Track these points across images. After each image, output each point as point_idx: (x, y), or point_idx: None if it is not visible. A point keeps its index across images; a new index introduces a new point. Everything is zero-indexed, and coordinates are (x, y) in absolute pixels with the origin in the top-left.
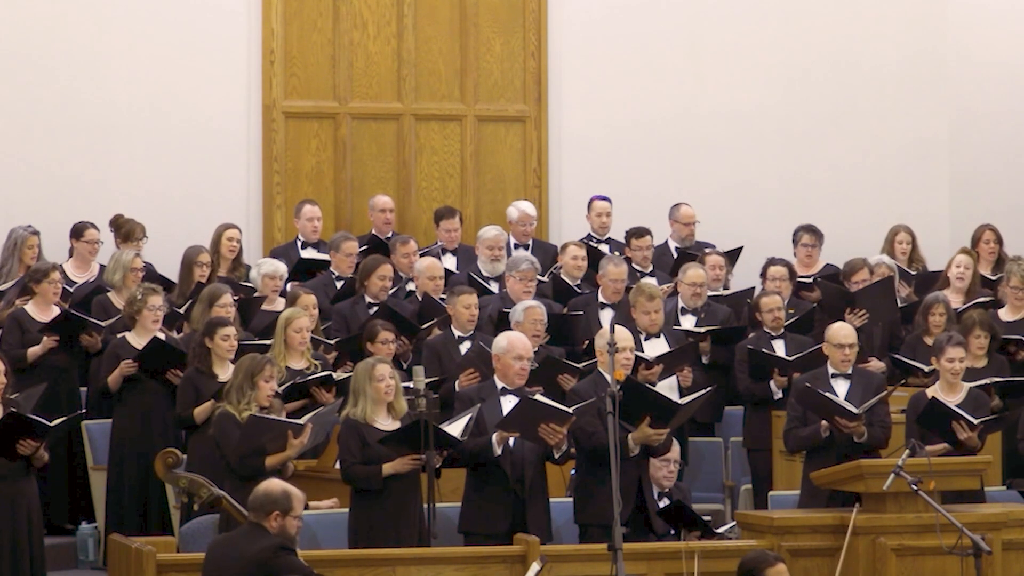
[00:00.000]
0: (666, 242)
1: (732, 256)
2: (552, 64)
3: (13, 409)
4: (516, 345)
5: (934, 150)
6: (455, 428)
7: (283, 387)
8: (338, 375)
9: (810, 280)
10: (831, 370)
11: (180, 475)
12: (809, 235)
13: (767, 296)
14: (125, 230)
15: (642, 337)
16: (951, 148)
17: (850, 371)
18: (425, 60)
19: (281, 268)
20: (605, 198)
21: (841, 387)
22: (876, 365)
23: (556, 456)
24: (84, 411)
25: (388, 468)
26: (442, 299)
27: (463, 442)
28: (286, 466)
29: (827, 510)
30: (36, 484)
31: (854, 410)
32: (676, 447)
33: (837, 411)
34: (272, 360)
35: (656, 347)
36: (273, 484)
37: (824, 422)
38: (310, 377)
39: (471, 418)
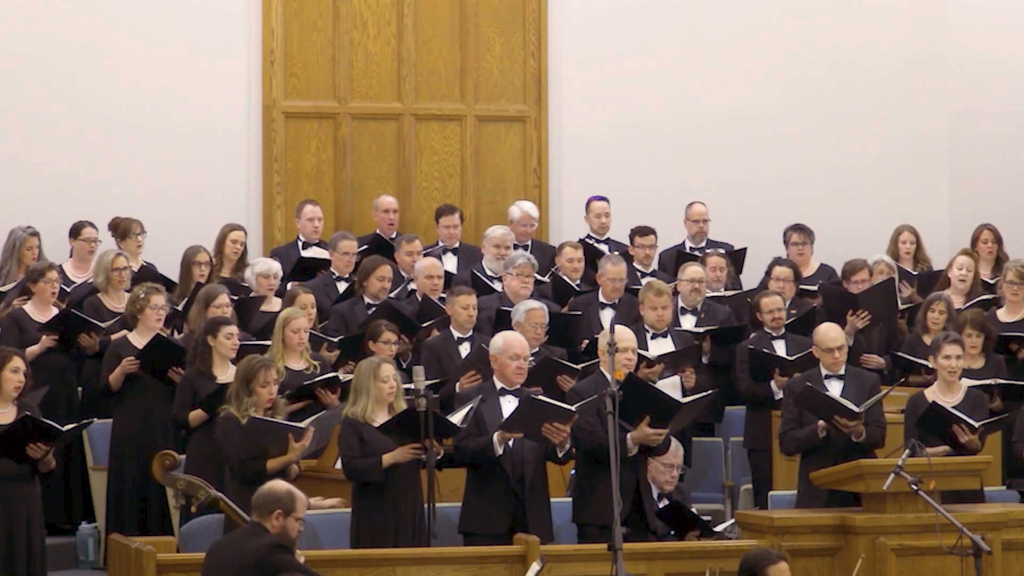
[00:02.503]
0: (683, 242)
1: (737, 257)
2: (552, 64)
3: (28, 413)
4: (512, 345)
5: (934, 150)
6: (455, 418)
7: (289, 392)
8: (343, 376)
9: (813, 288)
10: (824, 371)
11: (177, 477)
12: (798, 234)
13: (768, 297)
14: (122, 228)
15: (648, 335)
16: (951, 148)
17: (843, 371)
18: (425, 60)
19: (275, 267)
20: (602, 198)
21: (835, 388)
22: (876, 361)
23: (559, 455)
24: (92, 420)
25: (388, 459)
26: (441, 299)
27: (462, 429)
28: (290, 468)
29: (827, 510)
30: (39, 488)
31: (856, 409)
32: (680, 451)
33: (838, 410)
34: (268, 363)
35: (662, 346)
36: (278, 484)
37: (821, 422)
38: (317, 379)
39: (471, 408)
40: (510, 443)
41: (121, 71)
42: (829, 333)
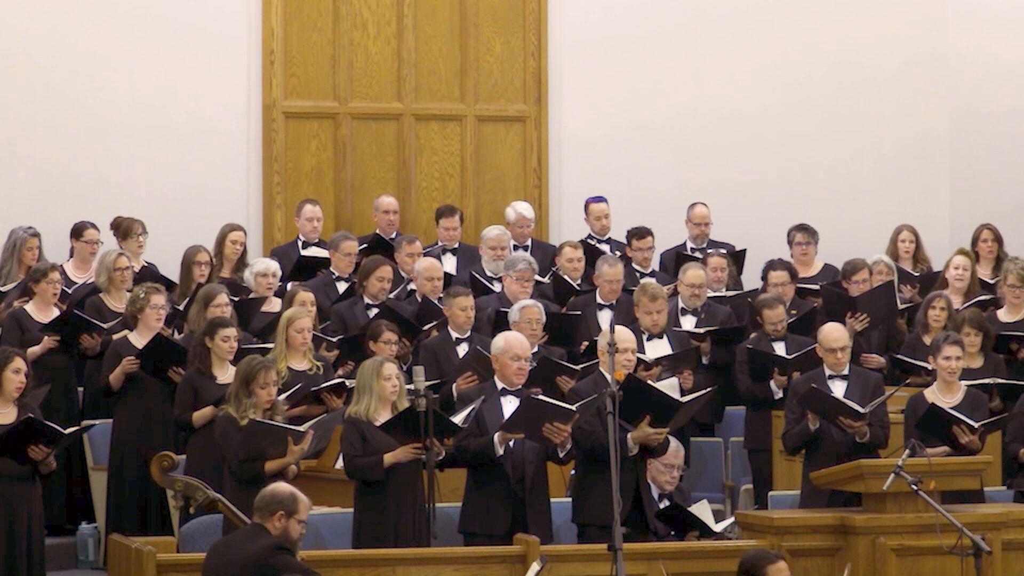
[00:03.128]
0: (684, 243)
1: (738, 258)
2: (552, 64)
3: (30, 415)
4: (513, 345)
5: (934, 150)
6: (457, 419)
7: (293, 391)
8: (346, 379)
9: (816, 287)
10: (827, 371)
11: (176, 478)
12: (802, 234)
13: (771, 308)
14: (124, 228)
15: (644, 337)
16: (951, 148)
17: (846, 371)
18: (425, 60)
19: (273, 266)
20: (599, 199)
21: (838, 388)
22: (875, 360)
23: (560, 455)
24: (93, 424)
25: (389, 458)
26: (440, 299)
27: (463, 428)
28: (288, 469)
29: (827, 510)
30: (40, 489)
31: (861, 410)
32: (680, 451)
33: (843, 411)
34: (268, 365)
35: (658, 348)
36: (280, 486)
37: (811, 414)
38: (324, 385)
39: (473, 408)
40: (511, 443)
41: (121, 71)
42: (832, 333)
